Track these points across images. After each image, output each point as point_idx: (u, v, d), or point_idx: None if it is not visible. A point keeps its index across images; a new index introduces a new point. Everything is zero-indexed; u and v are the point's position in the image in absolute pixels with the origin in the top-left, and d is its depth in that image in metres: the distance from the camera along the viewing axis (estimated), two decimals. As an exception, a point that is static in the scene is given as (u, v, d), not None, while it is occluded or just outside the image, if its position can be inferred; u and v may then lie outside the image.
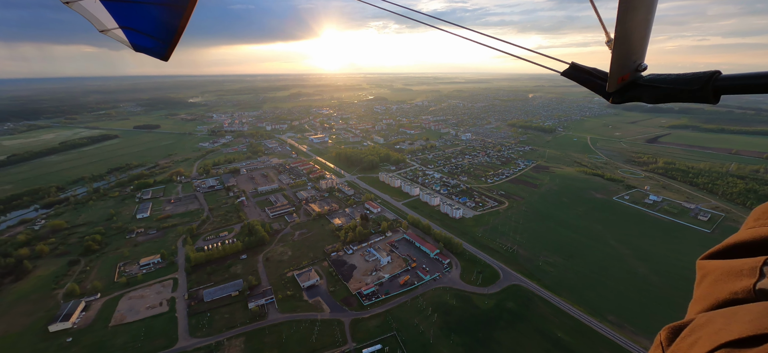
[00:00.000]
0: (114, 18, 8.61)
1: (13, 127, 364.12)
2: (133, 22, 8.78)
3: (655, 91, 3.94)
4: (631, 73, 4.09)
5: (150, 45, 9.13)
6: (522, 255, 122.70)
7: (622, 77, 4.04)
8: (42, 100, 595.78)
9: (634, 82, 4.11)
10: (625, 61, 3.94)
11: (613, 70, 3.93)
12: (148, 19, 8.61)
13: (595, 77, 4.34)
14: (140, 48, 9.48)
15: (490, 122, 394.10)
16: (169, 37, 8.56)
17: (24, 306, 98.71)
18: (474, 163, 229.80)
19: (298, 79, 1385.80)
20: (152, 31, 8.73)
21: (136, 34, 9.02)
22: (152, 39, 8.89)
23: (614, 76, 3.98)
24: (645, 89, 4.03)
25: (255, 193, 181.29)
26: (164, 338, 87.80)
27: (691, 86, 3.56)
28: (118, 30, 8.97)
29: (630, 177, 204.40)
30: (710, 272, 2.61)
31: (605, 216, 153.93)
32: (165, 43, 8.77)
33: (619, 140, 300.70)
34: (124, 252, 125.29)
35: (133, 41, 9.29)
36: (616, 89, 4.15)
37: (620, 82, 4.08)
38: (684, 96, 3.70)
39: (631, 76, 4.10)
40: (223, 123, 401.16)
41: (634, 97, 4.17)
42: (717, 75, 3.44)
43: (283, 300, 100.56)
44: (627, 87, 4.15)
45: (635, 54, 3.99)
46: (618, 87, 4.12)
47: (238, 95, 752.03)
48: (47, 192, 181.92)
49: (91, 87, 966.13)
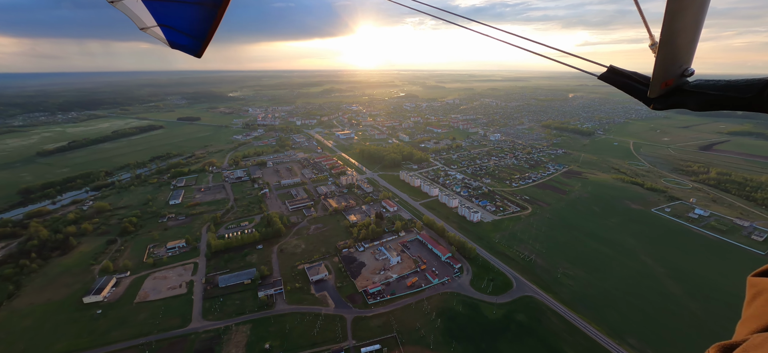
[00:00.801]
0: (153, 16, 9.12)
1: (76, 116, 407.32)
2: (171, 20, 9.25)
3: (703, 97, 3.72)
4: (676, 78, 3.85)
5: (185, 42, 9.63)
6: (540, 266, 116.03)
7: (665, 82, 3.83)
8: (102, 92, 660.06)
9: (679, 88, 3.88)
10: (670, 66, 3.71)
11: (657, 75, 3.72)
12: (184, 18, 9.03)
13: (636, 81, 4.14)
14: (176, 45, 9.98)
15: (522, 123, 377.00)
16: (203, 34, 8.98)
17: (66, 278, 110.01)
18: (500, 165, 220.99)
19: (333, 76, 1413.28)
20: (188, 28, 9.18)
21: (172, 31, 9.50)
22: (187, 36, 9.37)
23: (657, 80, 3.78)
24: (691, 95, 3.80)
25: (278, 186, 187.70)
26: (180, 317, 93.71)
27: (744, 94, 3.35)
28: (156, 28, 9.49)
29: (674, 187, 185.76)
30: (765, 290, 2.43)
31: (640, 229, 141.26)
32: (199, 40, 9.22)
33: (666, 146, 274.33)
34: (154, 235, 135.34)
35: (169, 38, 9.80)
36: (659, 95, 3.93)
37: (664, 88, 3.87)
38: (735, 104, 3.48)
39: (675, 81, 3.87)
40: (256, 117, 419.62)
41: (678, 103, 3.96)
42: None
43: (292, 291, 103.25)
44: (671, 92, 3.92)
45: (682, 58, 3.72)
46: (661, 92, 3.90)
47: (274, 90, 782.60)
48: (97, 176, 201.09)
49: (144, 81, 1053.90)
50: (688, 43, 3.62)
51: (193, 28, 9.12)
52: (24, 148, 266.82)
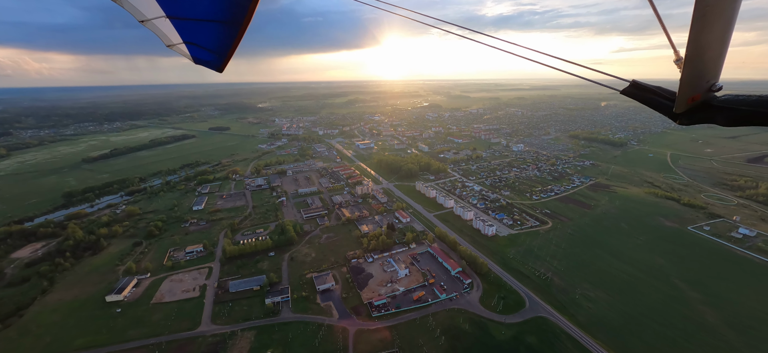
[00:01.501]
0: (180, 35, 9.85)
1: (120, 126, 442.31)
2: (196, 38, 9.94)
3: (732, 113, 3.58)
4: (704, 93, 3.74)
5: (208, 58, 10.33)
6: (557, 285, 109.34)
7: (692, 97, 3.74)
8: (145, 104, 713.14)
9: (707, 103, 3.75)
10: (697, 81, 3.64)
11: (683, 90, 3.65)
12: (208, 35, 9.66)
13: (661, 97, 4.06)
14: (200, 61, 10.76)
15: (548, 133, 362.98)
16: (226, 50, 9.63)
17: (94, 277, 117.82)
18: (521, 177, 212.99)
19: (358, 86, 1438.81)
20: (211, 45, 9.87)
21: (197, 48, 10.22)
22: (211, 52, 10.07)
23: (684, 96, 3.71)
24: (720, 111, 3.67)
25: (295, 194, 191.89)
26: (190, 321, 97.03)
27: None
28: (182, 45, 10.25)
29: (716, 204, 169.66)
30: None
31: (673, 248, 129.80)
32: (221, 56, 9.90)
33: (709, 158, 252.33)
34: (176, 239, 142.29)
35: (194, 54, 10.58)
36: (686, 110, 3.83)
37: (690, 103, 3.77)
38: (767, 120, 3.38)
39: (703, 96, 3.75)
40: (282, 127, 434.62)
41: (705, 119, 3.82)
42: None
43: (298, 300, 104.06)
44: (698, 108, 3.79)
45: (709, 73, 3.63)
46: (687, 107, 3.80)
47: (300, 101, 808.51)
48: (132, 182, 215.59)
49: (183, 93, 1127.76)
50: (716, 58, 3.53)
51: (216, 44, 9.76)
52: (72, 155, 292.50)
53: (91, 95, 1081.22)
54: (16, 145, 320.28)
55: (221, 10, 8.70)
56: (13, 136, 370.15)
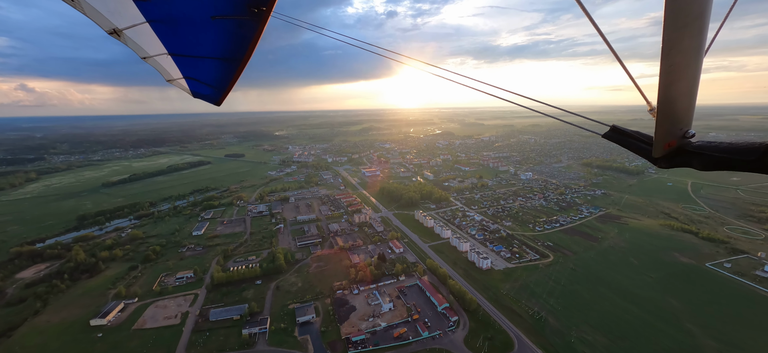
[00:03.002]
0: (180, 70, 10.24)
1: (143, 152, 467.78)
2: (196, 74, 10.31)
3: (705, 158, 3.75)
4: (678, 139, 3.93)
5: (207, 92, 10.62)
6: (551, 326, 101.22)
7: (668, 143, 3.93)
8: (171, 131, 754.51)
9: (682, 149, 3.94)
10: (670, 129, 3.85)
11: (659, 137, 3.86)
12: (208, 71, 10.00)
13: (640, 141, 4.22)
14: (198, 95, 11.04)
15: (560, 160, 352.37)
16: (225, 85, 9.89)
17: (85, 299, 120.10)
18: (526, 207, 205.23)
19: (374, 115, 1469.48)
20: (211, 81, 10.19)
21: (196, 83, 10.52)
22: (209, 87, 10.37)
23: (660, 142, 3.90)
24: (694, 156, 3.84)
25: (294, 221, 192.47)
26: (165, 349, 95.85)
27: (746, 156, 3.40)
28: (182, 80, 10.59)
29: (740, 238, 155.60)
30: None
31: (688, 288, 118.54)
32: (220, 90, 10.17)
33: (735, 187, 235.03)
34: (170, 264, 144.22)
35: (193, 89, 10.86)
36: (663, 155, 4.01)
37: (667, 149, 3.95)
38: (738, 166, 3.53)
39: (678, 142, 3.94)
40: (294, 154, 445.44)
41: (682, 163, 4.00)
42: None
43: (275, 332, 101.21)
44: (674, 153, 3.98)
45: (681, 122, 3.86)
46: (664, 153, 3.99)
47: (316, 129, 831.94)
48: (142, 206, 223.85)
49: (208, 121, 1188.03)
50: (686, 109, 3.78)
51: (215, 80, 10.02)
52: (94, 179, 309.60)
53: (125, 123, 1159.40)
54: (46, 169, 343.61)
55: (223, 49, 8.92)
56: (46, 160, 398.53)
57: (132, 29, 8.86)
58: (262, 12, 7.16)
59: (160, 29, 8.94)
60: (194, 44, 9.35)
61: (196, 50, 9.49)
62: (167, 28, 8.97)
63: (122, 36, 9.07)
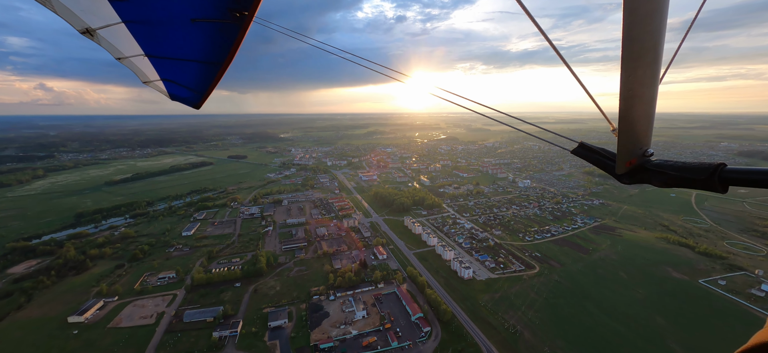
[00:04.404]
0: (157, 72, 9.97)
1: (149, 152, 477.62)
2: (174, 76, 10.03)
3: (663, 176, 3.99)
4: (639, 158, 4.19)
5: (186, 95, 10.36)
6: (526, 341, 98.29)
7: (629, 162, 4.19)
8: (179, 132, 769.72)
9: (642, 167, 4.18)
10: (631, 149, 4.12)
11: (621, 156, 4.14)
12: (187, 74, 9.74)
13: (604, 157, 4.45)
14: (176, 97, 10.71)
15: (562, 168, 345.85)
16: (204, 88, 9.67)
17: (68, 296, 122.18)
18: (519, 216, 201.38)
19: (381, 119, 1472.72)
20: (189, 83, 9.93)
21: (174, 85, 10.28)
22: (188, 90, 10.12)
23: (622, 160, 4.18)
24: (654, 174, 4.09)
25: (283, 225, 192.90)
26: (135, 349, 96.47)
27: (698, 175, 3.64)
28: (159, 81, 10.34)
29: (740, 253, 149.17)
30: None
31: (677, 305, 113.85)
32: (199, 94, 9.91)
33: (741, 200, 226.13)
34: (155, 264, 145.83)
35: (170, 91, 10.58)
36: (625, 172, 4.25)
37: (628, 166, 4.22)
38: (691, 183, 3.72)
39: (638, 160, 4.20)
40: (295, 156, 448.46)
41: (643, 179, 4.23)
42: (722, 167, 3.54)
43: (246, 335, 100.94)
44: (635, 170, 4.23)
45: (641, 142, 4.14)
46: (626, 170, 4.24)
47: (321, 132, 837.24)
48: (139, 205, 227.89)
49: (216, 122, 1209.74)
50: (644, 130, 4.09)
51: (194, 83, 9.74)
52: (98, 177, 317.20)
53: (136, 123, 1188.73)
54: (54, 167, 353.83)
55: (202, 52, 8.67)
56: (55, 158, 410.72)
57: (106, 29, 8.53)
58: (244, 16, 6.93)
59: (136, 30, 8.61)
60: (172, 46, 9.03)
61: (174, 52, 9.17)
62: (144, 29, 8.63)
63: (95, 36, 8.70)
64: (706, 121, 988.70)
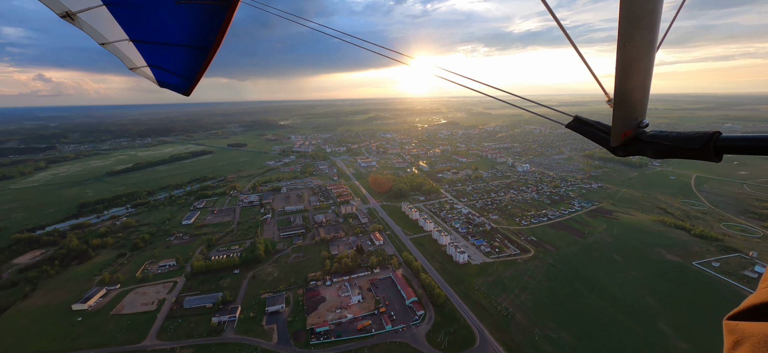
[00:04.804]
0: (143, 58, 9.61)
1: (150, 142, 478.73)
2: (161, 62, 9.70)
3: (658, 147, 3.99)
4: (634, 129, 4.19)
5: (174, 81, 10.07)
6: (518, 322, 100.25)
7: (625, 133, 4.17)
8: (179, 121, 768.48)
9: (637, 138, 4.19)
10: (626, 119, 4.10)
11: (616, 127, 4.10)
12: (174, 59, 9.44)
13: (599, 131, 4.43)
14: (165, 84, 10.43)
15: (562, 152, 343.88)
16: (193, 74, 9.42)
17: (71, 285, 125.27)
18: (516, 200, 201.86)
19: (382, 104, 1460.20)
20: (178, 69, 9.63)
21: (162, 71, 9.98)
22: (177, 76, 9.84)
23: (617, 132, 4.14)
24: (648, 145, 4.10)
25: (282, 212, 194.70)
26: (138, 334, 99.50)
27: (692, 145, 3.62)
28: (146, 68, 9.98)
29: (736, 235, 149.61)
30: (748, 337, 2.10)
31: (668, 288, 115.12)
32: (188, 79, 9.65)
33: (741, 182, 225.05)
34: (155, 252, 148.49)
35: (159, 78, 10.30)
36: (620, 144, 4.26)
37: (623, 138, 4.20)
38: (686, 154, 3.74)
39: (633, 132, 4.20)
40: (294, 144, 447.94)
41: (637, 151, 4.27)
42: (717, 135, 3.52)
43: (244, 320, 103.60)
44: (630, 142, 4.23)
45: (636, 112, 4.15)
46: (621, 142, 4.23)
47: (321, 118, 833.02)
48: (140, 195, 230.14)
49: (216, 110, 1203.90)
50: (640, 100, 4.09)
51: (182, 69, 9.47)
52: (100, 168, 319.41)
53: (136, 112, 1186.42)
54: (55, 158, 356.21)
55: (189, 35, 8.41)
56: (57, 150, 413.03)
57: (87, 12, 8.14)
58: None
59: (119, 13, 8.25)
60: (158, 30, 8.72)
61: (160, 36, 8.85)
62: (128, 12, 8.30)
63: (76, 19, 8.34)
64: (711, 102, 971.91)
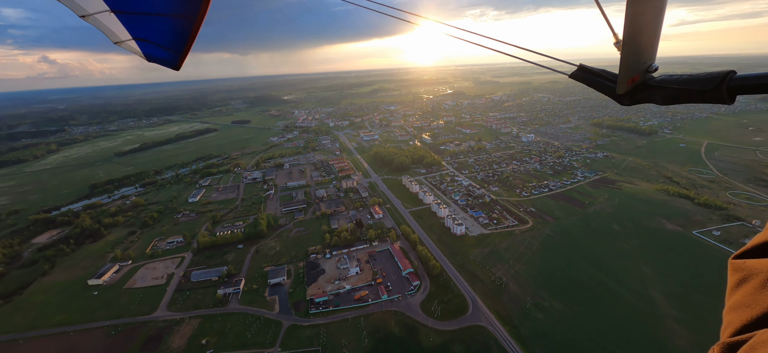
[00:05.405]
0: (128, 30, 9.12)
1: (155, 121, 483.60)
2: (146, 34, 9.22)
3: (667, 91, 3.91)
4: (642, 74, 4.11)
5: (162, 55, 9.62)
6: (511, 291, 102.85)
7: (632, 79, 4.08)
8: (182, 99, 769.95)
9: (645, 84, 4.13)
10: (634, 63, 3.99)
11: (623, 72, 3.97)
12: (160, 31, 8.97)
13: (605, 79, 4.35)
14: (153, 58, 9.99)
15: (569, 121, 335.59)
16: (181, 46, 8.95)
17: (86, 261, 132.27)
18: (518, 171, 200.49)
19: (387, 75, 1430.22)
20: (164, 41, 9.16)
21: (148, 44, 9.51)
22: (164, 49, 9.36)
23: (624, 77, 4.02)
24: (656, 90, 4.02)
25: (284, 188, 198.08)
26: (149, 306, 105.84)
27: (705, 86, 3.53)
28: (131, 41, 9.54)
29: (742, 204, 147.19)
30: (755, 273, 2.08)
31: (665, 257, 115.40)
32: (177, 52, 9.18)
33: (754, 148, 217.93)
34: (164, 230, 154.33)
35: (146, 52, 9.90)
36: (627, 91, 4.19)
37: (630, 84, 4.13)
38: (697, 96, 3.66)
39: (641, 77, 4.12)
40: (297, 119, 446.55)
41: (645, 98, 4.19)
42: (732, 74, 3.41)
43: (248, 292, 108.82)
44: (637, 88, 4.17)
45: (645, 55, 4.04)
46: (628, 88, 4.17)
47: (325, 92, 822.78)
48: (148, 174, 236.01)
49: (219, 87, 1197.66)
50: (650, 42, 3.91)
51: (169, 41, 9.02)
52: (108, 149, 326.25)
53: (141, 92, 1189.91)
54: (66, 141, 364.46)
55: (172, 3, 8.03)
56: (67, 132, 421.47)
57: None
58: None
59: None
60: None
61: (142, 6, 8.42)
62: None
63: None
64: (736, 63, 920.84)
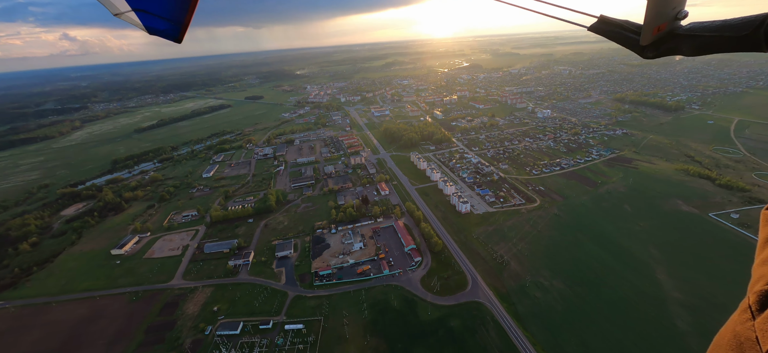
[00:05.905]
0: (127, 1, 8.95)
1: (172, 98, 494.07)
2: (146, 5, 9.03)
3: (697, 40, 3.64)
4: (670, 21, 3.81)
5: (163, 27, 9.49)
6: (511, 270, 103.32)
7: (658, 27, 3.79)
8: (198, 74, 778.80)
9: (672, 33, 3.86)
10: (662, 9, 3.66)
11: (649, 20, 3.66)
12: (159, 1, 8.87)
13: (627, 30, 4.12)
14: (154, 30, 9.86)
15: (590, 95, 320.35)
16: (181, 17, 8.90)
17: (109, 233, 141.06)
18: (530, 149, 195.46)
19: (401, 47, 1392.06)
20: (164, 12, 9.02)
21: (149, 16, 9.35)
22: (165, 20, 9.23)
23: (649, 26, 3.74)
24: (684, 40, 3.77)
25: (294, 164, 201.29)
26: (167, 274, 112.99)
27: (740, 32, 3.31)
28: (131, 13, 9.34)
29: (767, 185, 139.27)
30: None
31: (676, 239, 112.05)
32: (177, 24, 9.11)
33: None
34: (179, 204, 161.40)
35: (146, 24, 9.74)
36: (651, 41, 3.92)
37: (656, 34, 3.85)
38: (731, 44, 3.42)
39: (668, 25, 3.84)
40: (309, 94, 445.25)
41: (671, 49, 3.93)
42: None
43: (256, 264, 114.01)
44: (663, 38, 3.91)
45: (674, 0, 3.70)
46: (653, 39, 3.90)
47: (338, 66, 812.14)
48: (164, 150, 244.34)
49: (233, 62, 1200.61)
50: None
51: (169, 12, 8.86)
52: (128, 125, 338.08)
53: (158, 68, 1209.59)
54: (89, 118, 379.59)
55: None
56: (89, 109, 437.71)
57: None
58: None
59: None
60: None
61: None
62: None
63: None
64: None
